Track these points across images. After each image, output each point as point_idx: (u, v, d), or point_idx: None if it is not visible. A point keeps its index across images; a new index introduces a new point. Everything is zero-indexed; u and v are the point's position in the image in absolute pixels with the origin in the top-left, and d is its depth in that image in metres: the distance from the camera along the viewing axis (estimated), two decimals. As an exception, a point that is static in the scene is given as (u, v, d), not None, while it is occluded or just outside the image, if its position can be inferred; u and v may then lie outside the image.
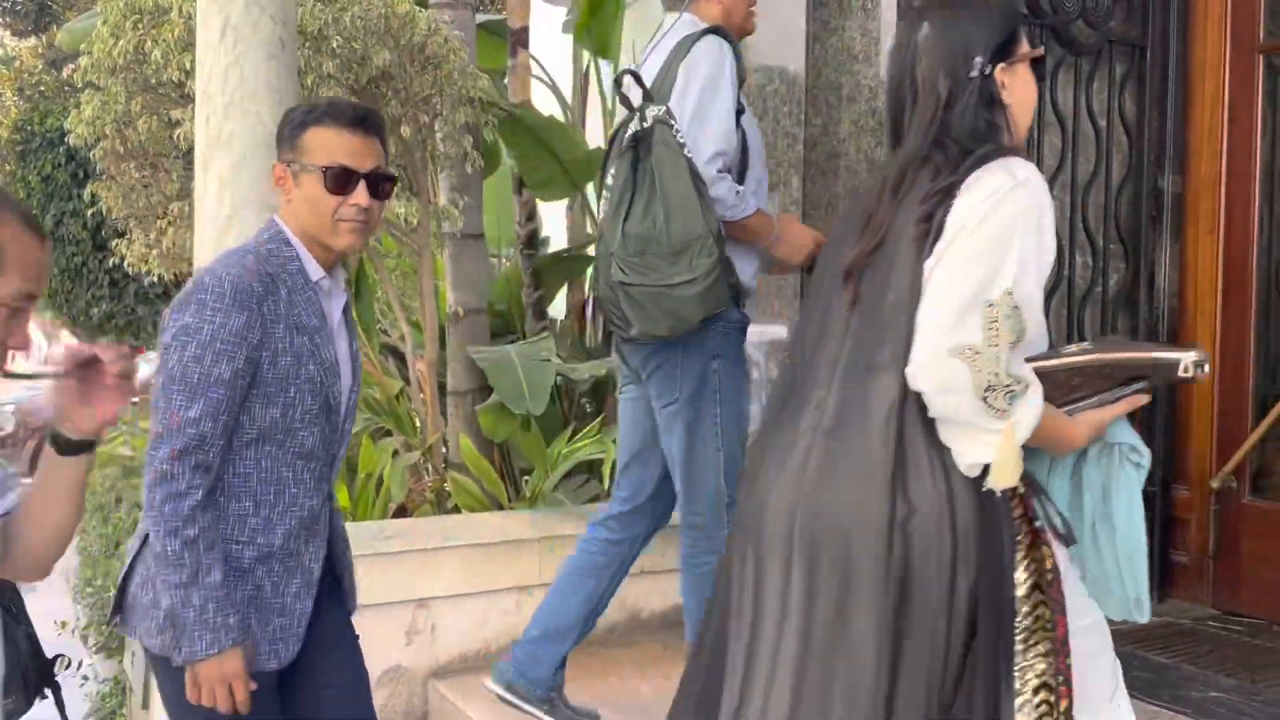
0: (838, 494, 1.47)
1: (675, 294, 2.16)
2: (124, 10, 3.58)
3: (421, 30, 3.71)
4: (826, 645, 1.45)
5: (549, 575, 3.06)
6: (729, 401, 2.37)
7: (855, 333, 1.52)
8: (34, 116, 7.66)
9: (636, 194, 2.20)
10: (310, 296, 1.77)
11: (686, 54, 2.27)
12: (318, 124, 1.78)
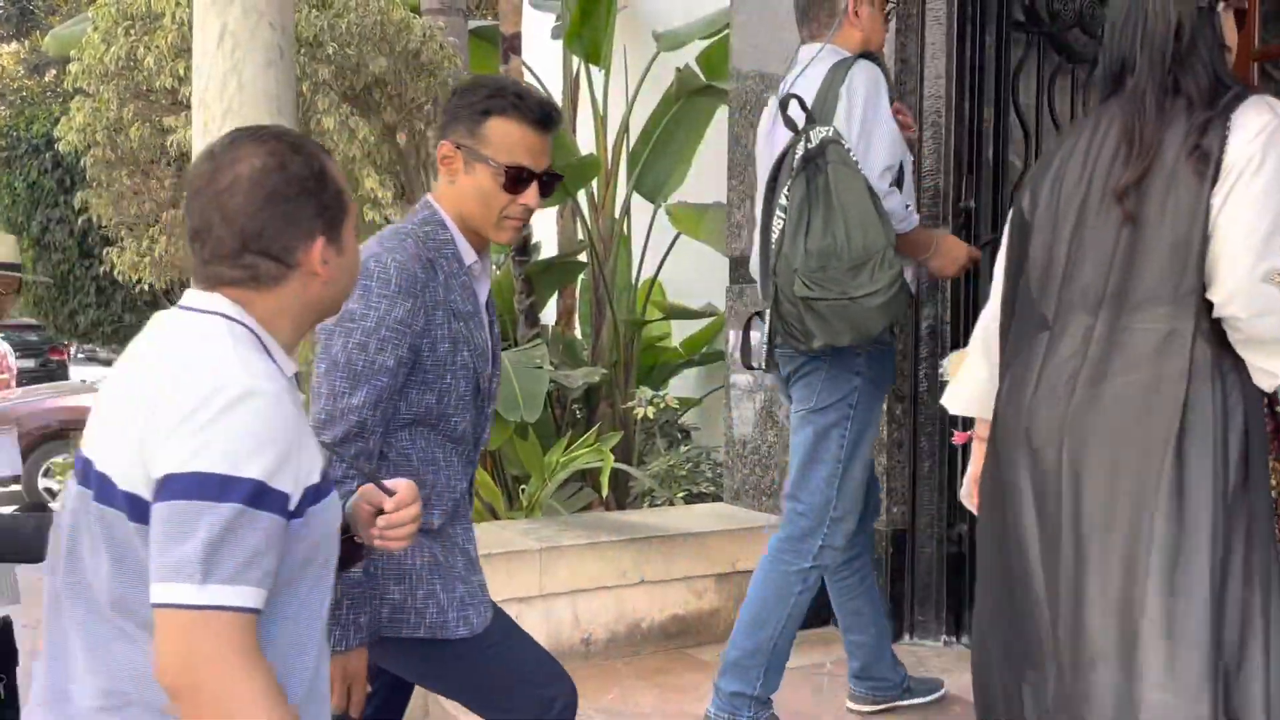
0: (1118, 418, 1.56)
1: (859, 305, 2.23)
2: (115, 16, 3.55)
3: (416, 37, 3.69)
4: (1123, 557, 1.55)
5: (550, 586, 3.04)
6: (861, 422, 2.44)
7: (1128, 258, 1.59)
8: (19, 122, 7.58)
9: (814, 211, 2.28)
10: (465, 281, 1.72)
11: (844, 79, 2.38)
12: (504, 115, 1.68)
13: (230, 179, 1.17)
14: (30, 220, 7.08)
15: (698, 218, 5.15)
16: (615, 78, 5.63)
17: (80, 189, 6.97)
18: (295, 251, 1.20)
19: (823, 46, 2.48)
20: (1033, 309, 1.69)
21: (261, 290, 1.19)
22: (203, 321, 1.17)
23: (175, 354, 1.14)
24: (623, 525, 3.38)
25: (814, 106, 2.38)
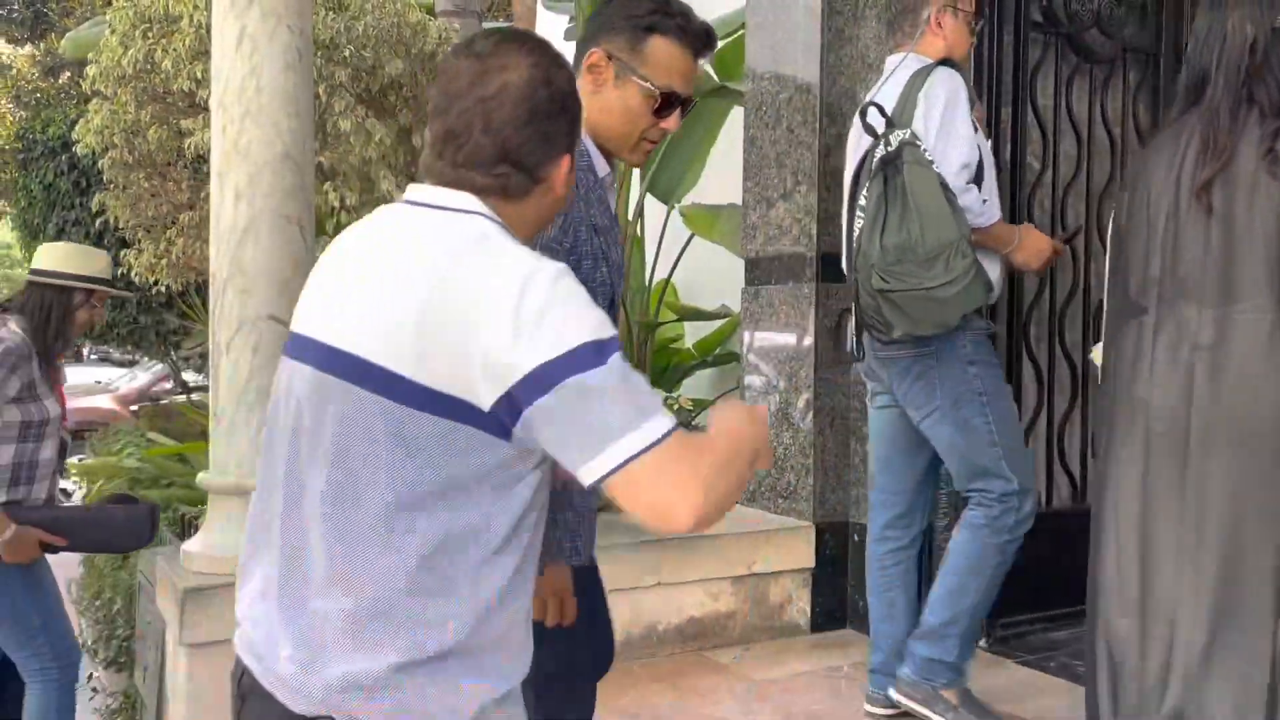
0: (1236, 397, 1.75)
1: (935, 295, 2.35)
2: (133, 19, 3.55)
3: (433, 39, 3.69)
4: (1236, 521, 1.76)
5: (566, 588, 3.04)
6: (995, 399, 2.53)
7: (1223, 252, 1.77)
8: (36, 124, 7.60)
9: (890, 209, 2.40)
10: (601, 195, 1.66)
11: (923, 85, 2.49)
12: (667, 36, 1.62)
13: (497, 87, 1.18)
14: (47, 222, 7.09)
15: (712, 219, 5.15)
16: (629, 79, 5.62)
17: (96, 191, 7.00)
18: (544, 168, 1.23)
19: (906, 55, 2.59)
20: (1133, 302, 1.87)
21: (506, 200, 1.21)
22: (475, 221, 1.18)
23: (469, 256, 1.13)
24: (638, 527, 3.36)
25: (893, 112, 2.49)
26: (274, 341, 2.74)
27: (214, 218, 2.79)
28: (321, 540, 1.14)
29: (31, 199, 7.26)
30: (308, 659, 1.13)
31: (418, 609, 1.12)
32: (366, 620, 1.12)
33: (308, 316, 1.24)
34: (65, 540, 2.77)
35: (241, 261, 2.73)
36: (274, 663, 1.16)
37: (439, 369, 1.10)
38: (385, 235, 1.22)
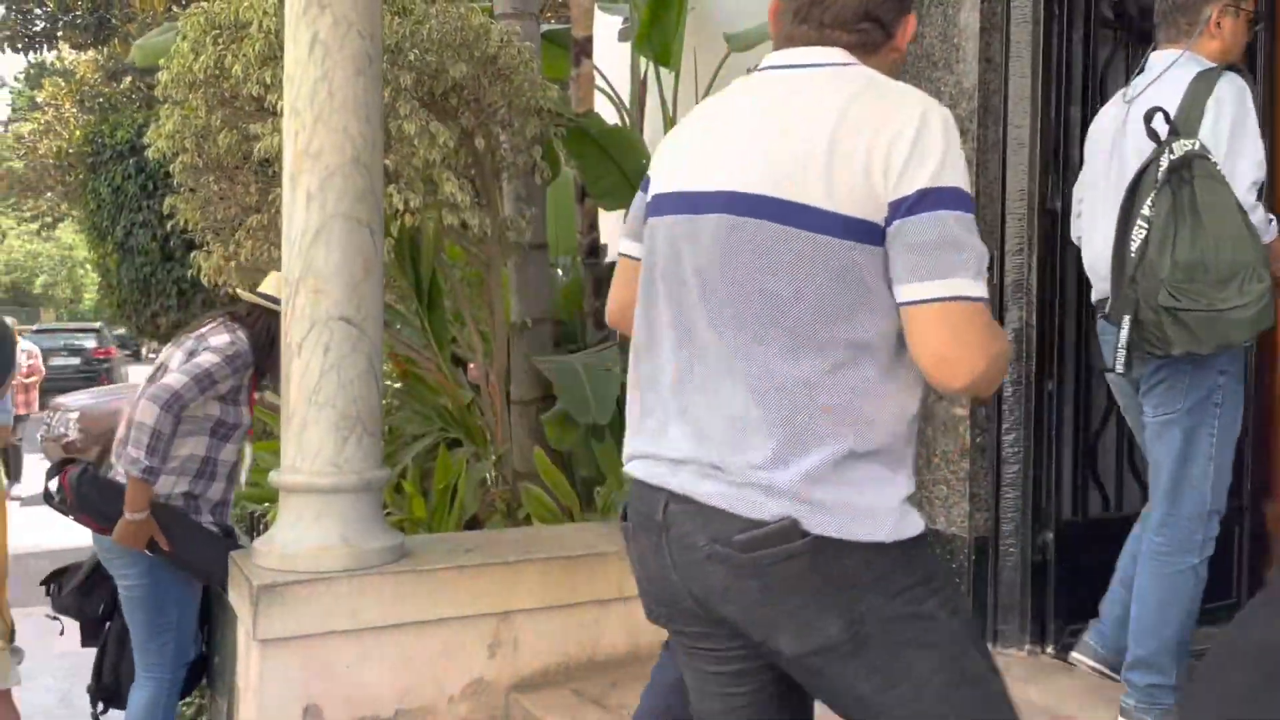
0: None
1: (1227, 317, 2.29)
2: (204, 25, 3.62)
3: (494, 42, 3.72)
4: None
5: (630, 589, 3.03)
6: (1228, 417, 2.49)
7: None
8: (104, 129, 7.79)
9: (1181, 224, 2.34)
10: None
11: (1210, 91, 2.42)
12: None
13: None
14: (115, 224, 7.27)
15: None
16: (684, 79, 5.63)
17: (163, 194, 7.15)
18: (896, 24, 1.40)
19: (1181, 54, 2.50)
20: None
21: (864, 55, 1.38)
22: (858, 69, 1.35)
23: (866, 95, 1.30)
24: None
25: (1177, 118, 2.41)
26: (345, 341, 2.79)
27: (286, 220, 2.84)
28: (743, 365, 1.31)
29: (100, 201, 7.44)
30: (763, 462, 1.28)
31: (848, 415, 1.28)
32: (799, 428, 1.28)
33: (688, 176, 1.40)
34: (170, 548, 2.90)
35: (313, 263, 2.78)
36: (710, 480, 1.31)
37: (846, 195, 1.26)
38: (766, 95, 1.38)
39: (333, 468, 2.78)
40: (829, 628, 1.29)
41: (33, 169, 14.71)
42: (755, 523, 1.28)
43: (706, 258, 1.35)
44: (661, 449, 1.40)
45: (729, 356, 1.33)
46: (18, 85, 31.45)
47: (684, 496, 1.34)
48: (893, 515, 1.30)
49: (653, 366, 1.44)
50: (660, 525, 1.37)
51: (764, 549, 1.27)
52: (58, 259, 41.90)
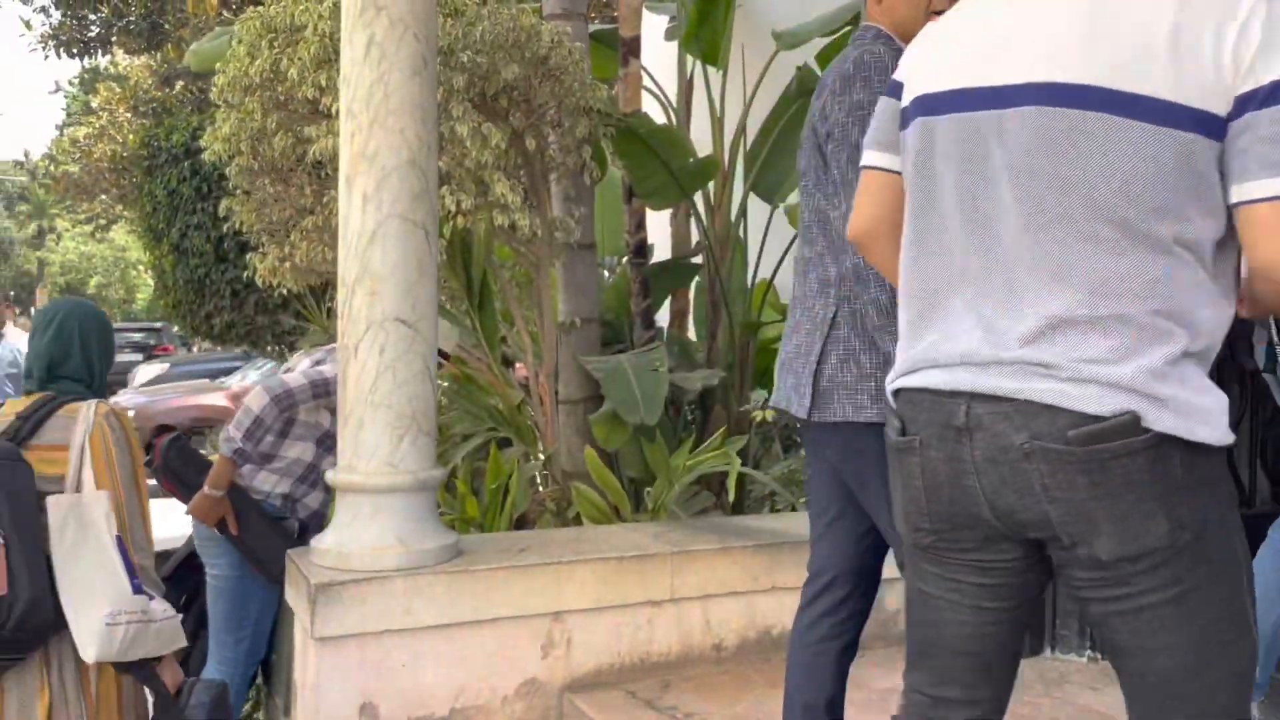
0: None
1: None
2: (259, 29, 3.66)
3: (545, 43, 3.72)
4: None
5: (681, 591, 3.04)
6: None
7: None
8: (159, 132, 7.93)
9: None
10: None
11: None
12: None
13: None
14: (170, 226, 7.40)
15: (817, 219, 5.07)
16: (732, 78, 5.60)
17: (217, 196, 7.26)
18: None
19: None
20: None
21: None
22: None
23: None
24: (752, 530, 3.35)
25: None
26: (400, 342, 2.80)
27: (342, 222, 2.86)
28: (1070, 263, 1.30)
29: (156, 204, 7.58)
30: (1100, 357, 1.28)
31: (1181, 315, 1.28)
32: (1136, 326, 1.28)
33: (978, 69, 1.39)
34: (237, 532, 3.01)
35: (370, 265, 2.80)
36: (1036, 377, 1.31)
37: (1191, 86, 1.24)
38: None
39: (388, 467, 2.80)
40: (1155, 529, 1.28)
41: (88, 172, 15.04)
42: (1092, 417, 1.27)
43: (1021, 154, 1.33)
44: (956, 354, 1.38)
45: (1050, 256, 1.32)
46: (72, 90, 32.14)
47: (995, 397, 1.33)
48: (1222, 419, 1.29)
49: (936, 273, 1.43)
50: (962, 429, 1.35)
51: (1103, 443, 1.26)
52: (111, 260, 42.77)
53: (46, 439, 2.21)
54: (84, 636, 2.05)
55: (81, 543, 2.09)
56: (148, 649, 2.12)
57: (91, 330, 2.33)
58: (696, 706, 2.78)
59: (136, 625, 2.08)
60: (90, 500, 2.13)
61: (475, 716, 2.79)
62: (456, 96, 3.49)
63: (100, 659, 2.07)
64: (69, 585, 2.07)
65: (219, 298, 7.44)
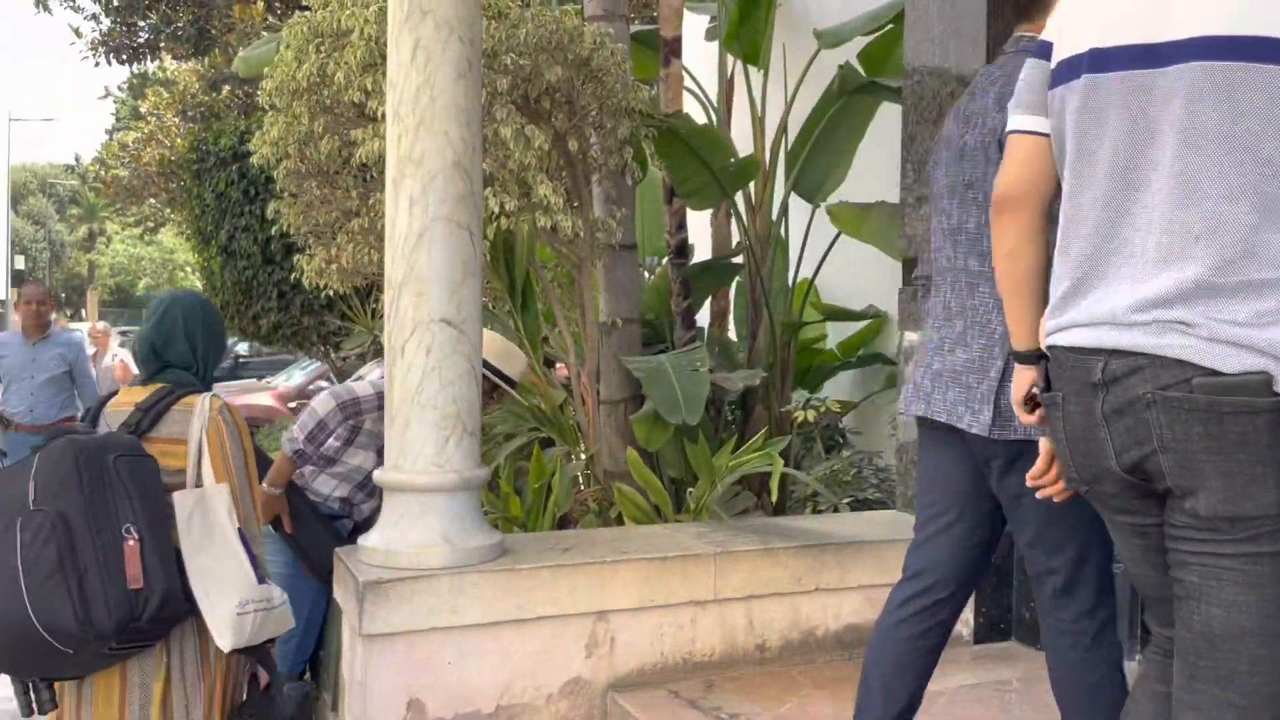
0: None
1: None
2: (307, 34, 3.71)
3: (588, 44, 3.74)
4: None
5: (724, 591, 3.04)
6: None
7: None
8: (208, 136, 8.06)
9: None
10: None
11: None
12: None
13: None
14: (219, 229, 7.52)
15: (860, 218, 5.06)
16: (773, 77, 5.59)
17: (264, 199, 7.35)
18: None
19: None
20: None
21: None
22: None
23: None
24: (795, 531, 3.34)
25: None
26: (446, 343, 2.83)
27: (389, 224, 2.89)
28: (1227, 226, 1.31)
29: (204, 207, 7.71)
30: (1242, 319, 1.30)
31: None
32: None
33: (1132, 28, 1.39)
34: (291, 530, 3.09)
35: (416, 266, 2.83)
36: (1173, 333, 1.33)
37: None
38: None
39: (434, 467, 2.83)
40: (1262, 495, 1.30)
41: (137, 176, 15.31)
42: (1221, 374, 1.30)
43: (1184, 111, 1.34)
44: (1101, 314, 1.41)
45: (1204, 216, 1.32)
46: (121, 95, 32.73)
47: (1131, 352, 1.37)
48: None
49: (1091, 235, 1.44)
50: (1098, 385, 1.41)
51: (1227, 396, 1.29)
52: (159, 262, 43.55)
53: (165, 432, 2.25)
54: (219, 626, 2.12)
55: (208, 535, 2.16)
56: (268, 632, 2.20)
57: (195, 318, 2.37)
58: (741, 707, 2.78)
59: (261, 613, 2.16)
60: (213, 494, 2.19)
61: (520, 714, 2.81)
62: (500, 99, 3.52)
63: (235, 646, 2.13)
64: (199, 577, 2.13)
65: (266, 299, 7.55)
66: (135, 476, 2.10)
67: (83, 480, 2.03)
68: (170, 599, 2.08)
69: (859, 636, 3.19)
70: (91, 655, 2.04)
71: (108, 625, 1.99)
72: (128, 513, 2.06)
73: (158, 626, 2.10)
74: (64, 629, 1.96)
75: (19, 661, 2.06)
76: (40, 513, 2.01)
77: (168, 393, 2.29)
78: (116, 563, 2.01)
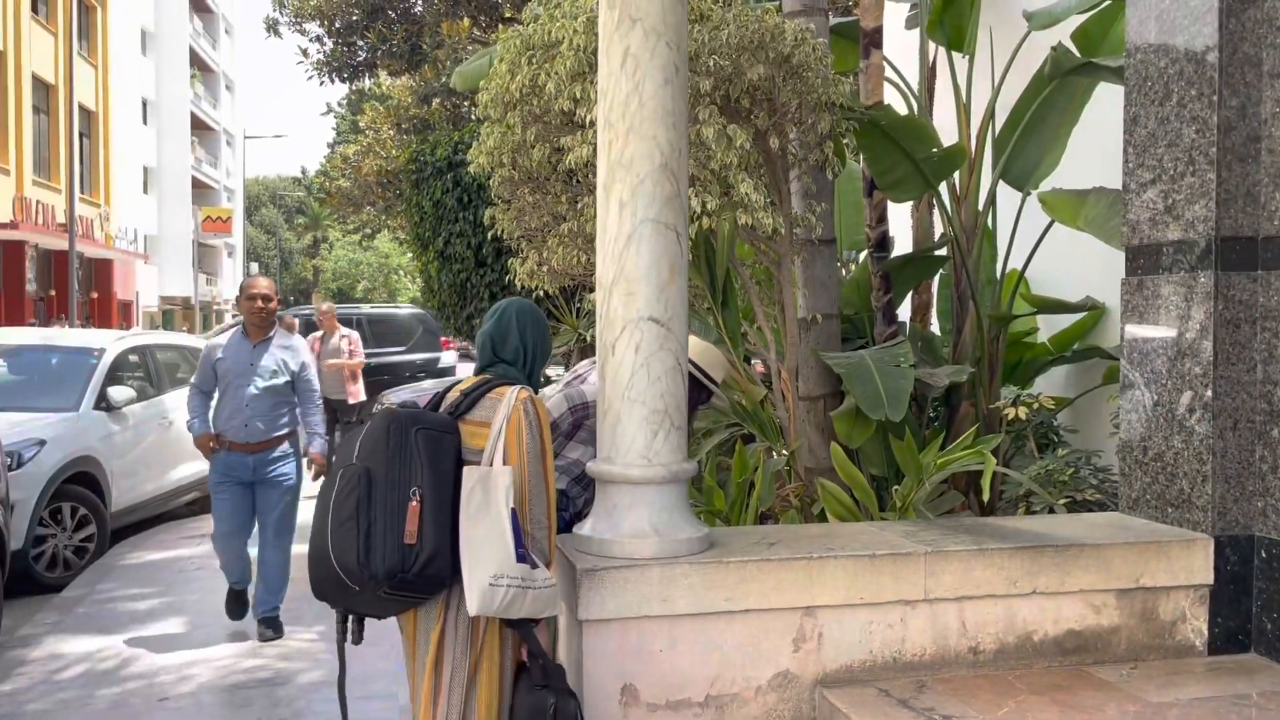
0: None
1: None
2: (519, 47, 3.90)
3: (789, 41, 3.75)
4: None
5: (935, 591, 2.98)
6: None
7: None
8: (425, 148, 8.58)
9: None
10: None
11: None
12: None
13: None
14: (436, 235, 8.00)
15: (1076, 205, 4.81)
16: (979, 62, 5.40)
17: (476, 206, 7.73)
18: None
19: None
20: None
21: None
22: None
23: None
24: (1009, 531, 3.24)
25: None
26: (654, 340, 2.91)
27: (599, 227, 3.01)
28: None
29: (423, 214, 8.22)
30: None
31: None
32: None
33: None
34: None
35: (625, 267, 2.93)
36: None
37: None
38: None
39: (643, 460, 2.92)
40: None
41: (357, 186, 16.45)
42: None
43: None
44: None
45: None
46: (340, 111, 35.11)
47: None
48: None
49: None
50: None
51: None
52: (375, 266, 46.53)
53: (476, 415, 2.58)
54: (471, 591, 2.37)
55: (483, 510, 2.42)
56: (524, 611, 2.41)
57: (527, 319, 2.74)
58: (955, 709, 2.73)
59: (516, 589, 2.37)
60: (497, 474, 2.46)
61: (729, 704, 2.86)
62: (702, 100, 3.58)
63: (480, 613, 2.38)
64: (466, 545, 2.40)
65: (479, 300, 7.98)
66: (430, 448, 2.44)
67: (389, 445, 2.41)
68: (437, 558, 2.38)
69: (1081, 643, 3.06)
70: (371, 596, 2.38)
71: (380, 570, 2.32)
72: (418, 478, 2.39)
73: (425, 582, 2.40)
74: (349, 568, 2.33)
75: (329, 592, 2.42)
76: (354, 466, 2.41)
77: (486, 382, 2.63)
78: (399, 519, 2.35)
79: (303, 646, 5.10)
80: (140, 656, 4.98)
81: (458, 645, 2.52)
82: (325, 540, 2.37)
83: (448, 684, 2.51)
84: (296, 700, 4.33)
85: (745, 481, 3.92)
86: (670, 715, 2.82)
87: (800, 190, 4.62)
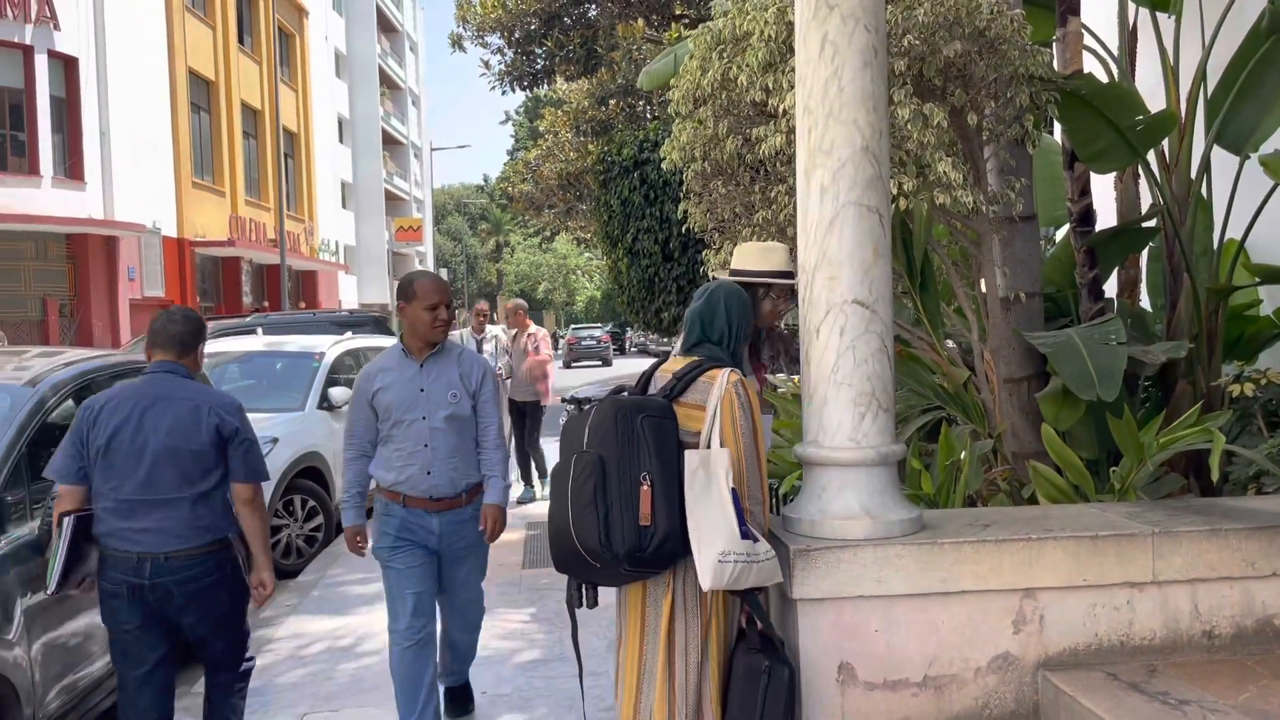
0: None
1: None
2: (709, 43, 3.98)
3: (985, 15, 3.67)
4: None
5: (1164, 574, 2.88)
6: None
7: None
8: (612, 148, 8.84)
9: None
10: None
11: None
12: None
13: None
14: (624, 232, 8.24)
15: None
16: (1186, 21, 5.10)
17: (661, 202, 7.90)
18: None
19: None
20: None
21: None
22: None
23: None
24: (1243, 512, 3.08)
25: None
26: (859, 323, 2.94)
27: (800, 213, 3.05)
28: None
29: (611, 213, 8.47)
30: None
31: None
32: None
33: None
34: None
35: (828, 252, 2.96)
36: None
37: None
38: None
39: (851, 442, 2.95)
40: None
41: (539, 189, 17.03)
42: None
43: None
44: None
45: None
46: (518, 119, 36.31)
47: None
48: None
49: None
50: None
51: None
52: (554, 267, 47.95)
53: (691, 398, 2.75)
54: (703, 568, 2.52)
55: (706, 490, 2.58)
56: (750, 582, 2.56)
57: (732, 302, 2.90)
58: (1191, 694, 2.63)
59: (742, 564, 2.52)
60: (716, 455, 2.61)
61: (948, 685, 2.86)
62: (896, 81, 3.56)
63: (712, 588, 2.54)
64: (694, 525, 2.57)
65: (666, 294, 8.17)
66: (656, 434, 2.61)
67: (618, 432, 2.59)
68: (670, 538, 2.55)
69: (1329, 629, 2.89)
70: (611, 572, 2.58)
71: (621, 550, 2.52)
72: (647, 463, 2.57)
73: (660, 559, 2.57)
74: (592, 549, 2.53)
75: (571, 566, 2.63)
76: (588, 454, 2.60)
77: (697, 365, 2.77)
78: (633, 502, 2.54)
79: (515, 628, 5.37)
80: (374, 634, 5.38)
81: (688, 612, 2.68)
82: (568, 524, 2.57)
83: (683, 648, 2.66)
84: (516, 678, 4.58)
85: (952, 465, 3.86)
86: (888, 695, 2.84)
87: (996, 167, 4.50)
